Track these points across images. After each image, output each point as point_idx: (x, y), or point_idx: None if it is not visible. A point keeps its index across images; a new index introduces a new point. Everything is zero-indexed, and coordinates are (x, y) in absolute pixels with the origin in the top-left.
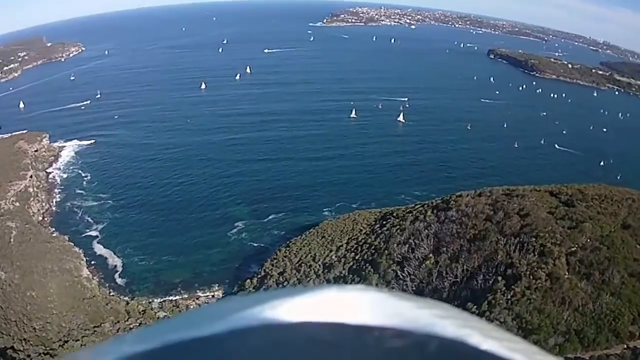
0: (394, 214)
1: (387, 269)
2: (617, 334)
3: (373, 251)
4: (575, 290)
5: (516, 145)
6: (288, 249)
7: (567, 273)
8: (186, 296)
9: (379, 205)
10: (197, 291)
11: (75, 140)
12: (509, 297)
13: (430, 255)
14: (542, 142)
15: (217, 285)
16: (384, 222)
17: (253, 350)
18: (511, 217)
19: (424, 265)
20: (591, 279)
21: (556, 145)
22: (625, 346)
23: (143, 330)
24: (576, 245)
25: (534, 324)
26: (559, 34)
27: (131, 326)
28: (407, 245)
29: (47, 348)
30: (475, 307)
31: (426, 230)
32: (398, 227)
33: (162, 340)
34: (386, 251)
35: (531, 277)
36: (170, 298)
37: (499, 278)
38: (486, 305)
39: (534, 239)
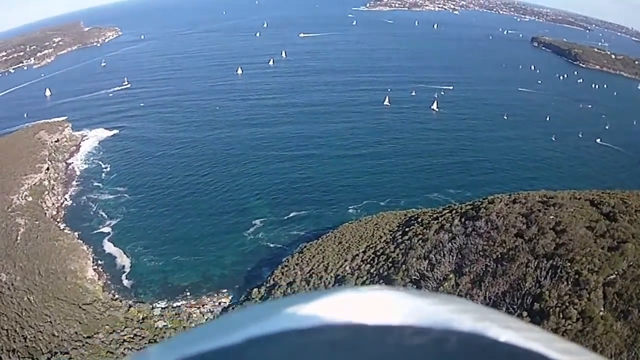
0: (419, 219)
1: None
2: None
3: (390, 264)
4: (610, 334)
5: (554, 139)
6: (301, 255)
7: (602, 309)
8: (193, 302)
9: (409, 203)
10: (204, 297)
11: (99, 130)
12: None
13: (451, 275)
14: (582, 135)
15: (225, 291)
16: (407, 229)
17: (272, 358)
18: (546, 234)
19: (442, 287)
20: (629, 319)
21: (598, 141)
22: None
23: (162, 344)
24: (615, 273)
25: None
26: (601, 23)
27: (125, 337)
28: (427, 261)
29: None
30: None
31: (450, 244)
32: (420, 236)
33: (180, 354)
34: (404, 266)
35: (561, 315)
36: (175, 304)
37: (524, 314)
38: None
39: (568, 264)
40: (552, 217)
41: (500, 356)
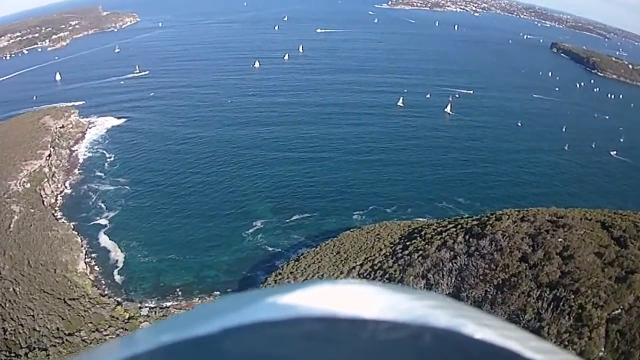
0: (422, 232)
1: None
2: None
3: (386, 281)
4: None
5: (566, 148)
6: (297, 263)
7: (602, 349)
8: (183, 303)
9: (415, 212)
10: (196, 298)
11: (106, 118)
12: None
13: None
14: (596, 147)
15: (217, 293)
16: (408, 243)
17: (247, 349)
18: (551, 259)
19: None
20: None
21: (613, 154)
22: None
23: (136, 333)
24: (620, 307)
25: None
26: (619, 32)
27: (108, 337)
28: (425, 281)
29: (12, 354)
30: None
31: (450, 264)
32: (421, 252)
33: (156, 343)
34: (400, 284)
35: None
36: (164, 304)
37: None
38: None
39: (572, 296)
40: (560, 240)
41: (475, 353)
